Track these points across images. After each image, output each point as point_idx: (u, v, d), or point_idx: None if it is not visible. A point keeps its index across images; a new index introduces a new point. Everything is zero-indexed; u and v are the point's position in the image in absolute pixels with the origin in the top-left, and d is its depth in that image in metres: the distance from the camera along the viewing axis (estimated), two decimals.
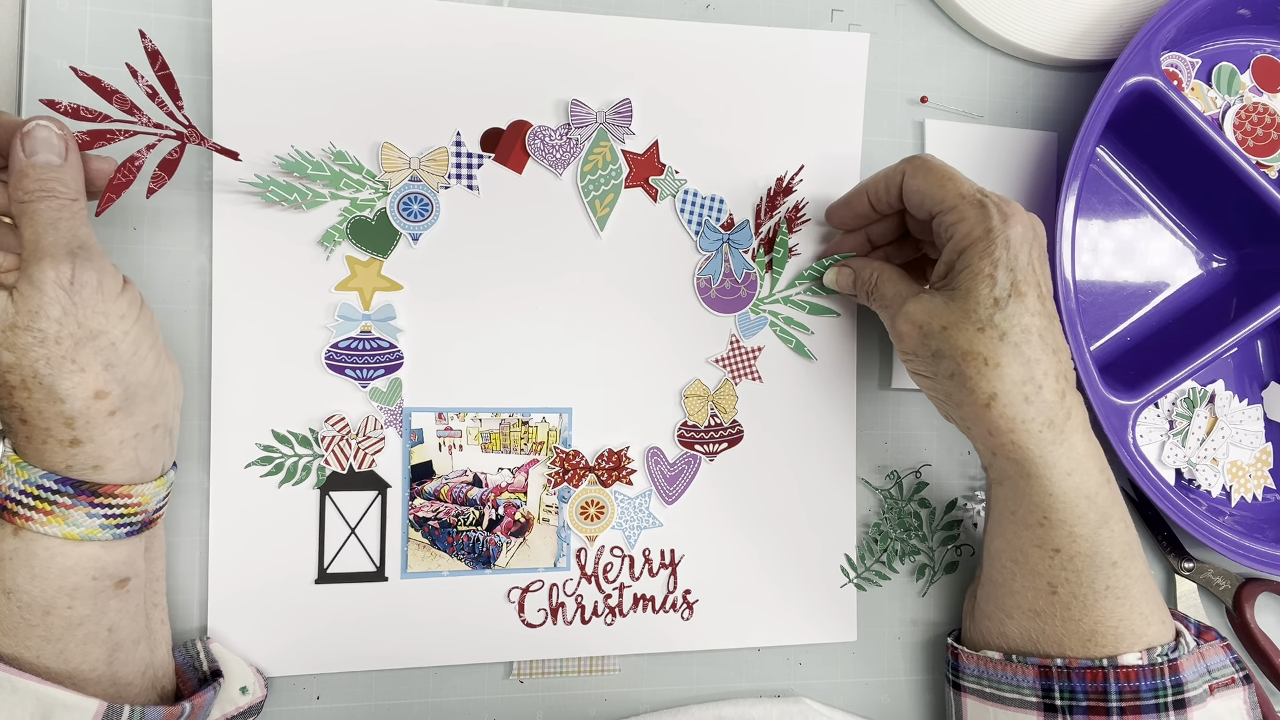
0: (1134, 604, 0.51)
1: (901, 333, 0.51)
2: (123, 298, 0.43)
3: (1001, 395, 0.47)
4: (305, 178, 0.52)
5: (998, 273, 0.47)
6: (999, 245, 0.47)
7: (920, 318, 0.50)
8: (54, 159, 0.42)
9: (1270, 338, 0.68)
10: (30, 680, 0.41)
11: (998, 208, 0.48)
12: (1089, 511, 0.49)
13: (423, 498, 0.54)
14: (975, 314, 0.47)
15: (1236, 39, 0.66)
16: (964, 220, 0.48)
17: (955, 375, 0.48)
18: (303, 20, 0.52)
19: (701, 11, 0.58)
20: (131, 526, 0.44)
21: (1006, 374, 0.47)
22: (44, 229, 0.41)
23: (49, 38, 0.50)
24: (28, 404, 0.41)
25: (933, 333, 0.49)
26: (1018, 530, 0.51)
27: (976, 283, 0.47)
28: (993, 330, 0.47)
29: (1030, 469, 0.49)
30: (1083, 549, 0.50)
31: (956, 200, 0.49)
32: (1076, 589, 0.50)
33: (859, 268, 0.56)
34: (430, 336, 0.54)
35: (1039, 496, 0.49)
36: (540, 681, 0.57)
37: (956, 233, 0.48)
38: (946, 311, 0.48)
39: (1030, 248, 0.48)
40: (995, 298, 0.47)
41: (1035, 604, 0.52)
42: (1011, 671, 0.53)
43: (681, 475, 0.58)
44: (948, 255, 0.49)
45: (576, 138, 0.56)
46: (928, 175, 0.50)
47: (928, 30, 0.62)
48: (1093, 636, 0.51)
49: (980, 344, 0.47)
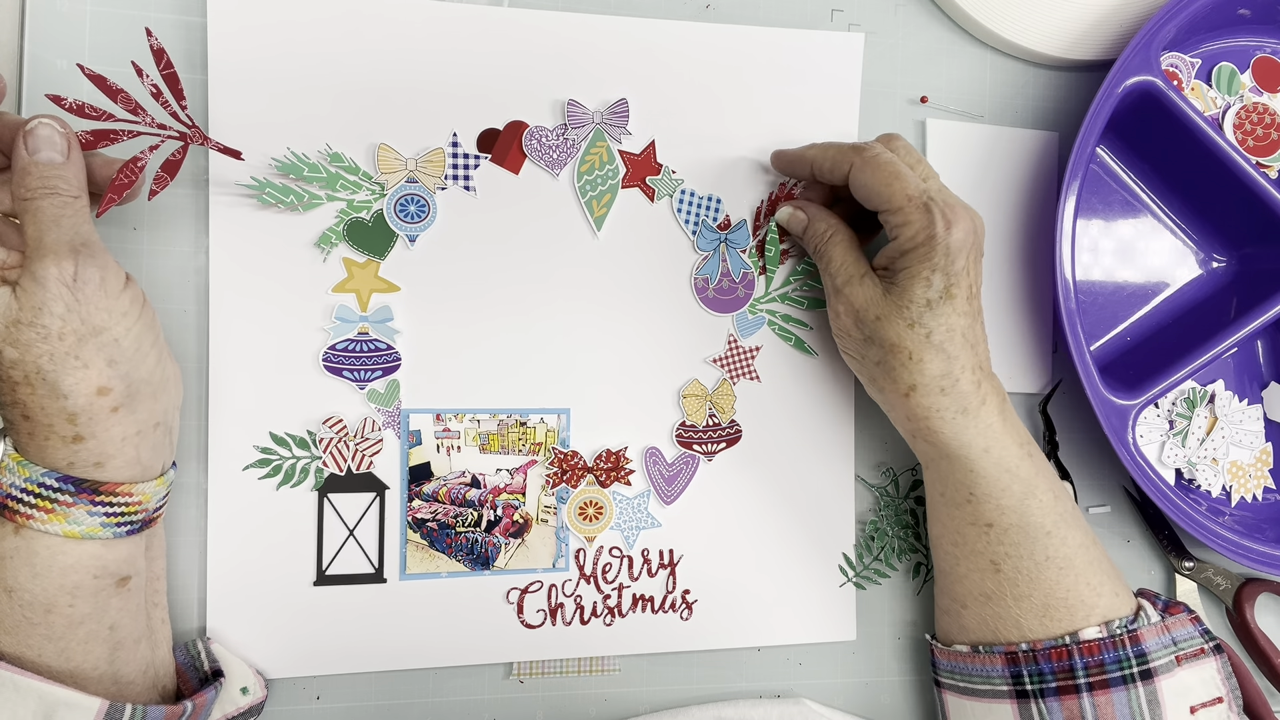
0: (1079, 574, 0.52)
1: (838, 311, 0.53)
2: (125, 294, 0.43)
3: (920, 387, 0.50)
4: (301, 179, 0.52)
5: (934, 276, 0.49)
6: (939, 252, 0.49)
7: (859, 304, 0.52)
8: (56, 157, 0.42)
9: (1270, 338, 0.68)
10: (32, 679, 0.41)
11: (943, 213, 0.49)
12: (1012, 484, 0.51)
13: (421, 499, 0.55)
14: (907, 311, 0.50)
15: (1236, 39, 0.66)
16: (909, 224, 0.49)
17: (881, 363, 0.51)
18: (298, 21, 0.52)
19: (701, 11, 0.58)
20: (132, 525, 0.44)
21: (927, 369, 0.50)
22: (47, 226, 0.41)
23: (49, 37, 0.50)
24: (30, 400, 0.41)
25: (866, 321, 0.51)
26: (949, 511, 0.54)
27: (913, 283, 0.49)
28: (920, 328, 0.49)
29: (947, 450, 0.52)
30: (1013, 520, 0.52)
31: (903, 202, 0.49)
32: (1018, 562, 0.52)
33: (814, 217, 0.56)
34: (428, 338, 0.54)
35: (961, 474, 0.52)
36: (540, 682, 0.57)
37: (901, 235, 0.50)
38: (883, 303, 0.51)
39: (969, 251, 0.50)
40: (928, 299, 0.49)
41: (983, 586, 0.53)
42: (980, 663, 0.53)
43: (680, 475, 0.58)
44: (890, 252, 0.51)
45: (573, 138, 0.56)
46: (875, 172, 0.50)
47: (928, 30, 0.62)
48: (1046, 611, 0.52)
49: (907, 339, 0.50)
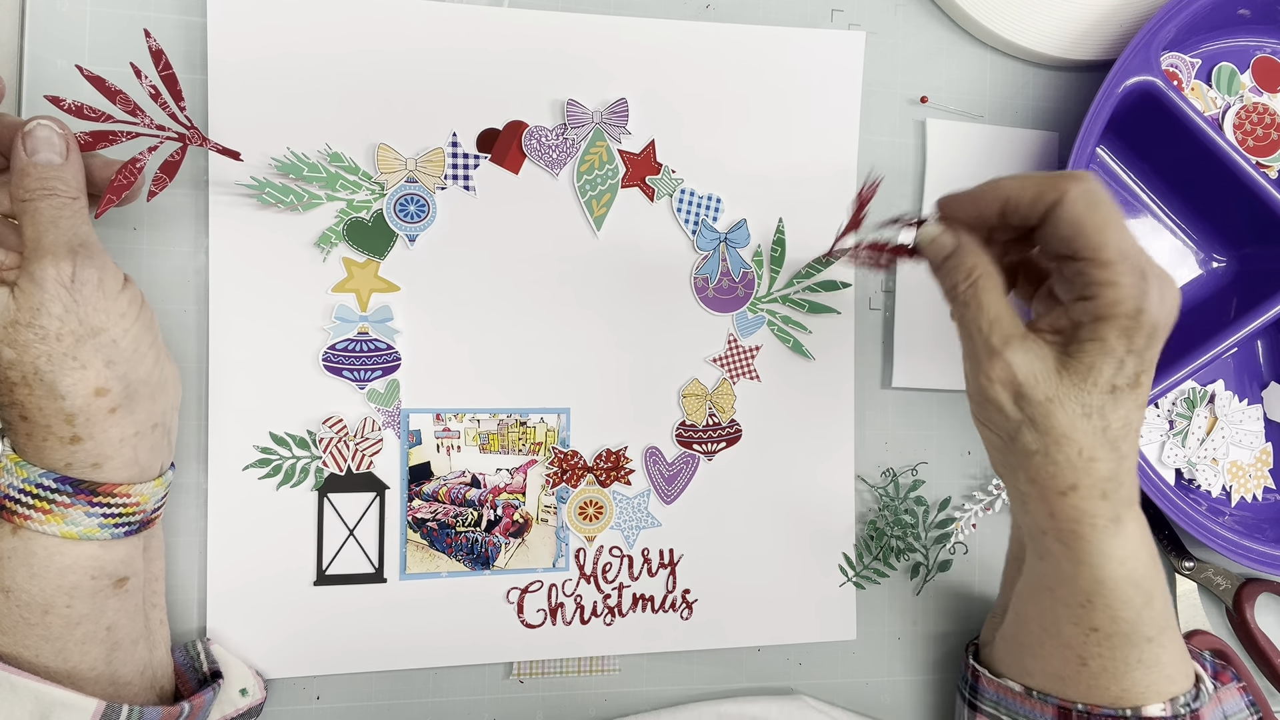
0: (1163, 670, 0.48)
1: (992, 379, 0.43)
2: (123, 295, 0.43)
3: (1082, 489, 0.42)
4: (301, 179, 0.52)
5: (1129, 359, 0.41)
6: (1143, 330, 0.40)
7: (1023, 376, 0.42)
8: (55, 158, 0.42)
9: (1270, 338, 0.68)
10: (29, 679, 0.41)
11: (1159, 285, 0.40)
12: (1135, 596, 0.45)
13: (421, 499, 0.54)
14: (1087, 396, 0.41)
15: (1236, 39, 0.66)
16: (1117, 287, 0.40)
17: (1038, 454, 0.43)
18: (298, 21, 0.52)
19: (701, 11, 0.58)
20: (130, 526, 0.44)
21: (1096, 470, 0.42)
22: (45, 227, 0.41)
23: (49, 37, 0.50)
24: (28, 401, 0.41)
25: (1032, 400, 0.42)
26: (1055, 606, 0.47)
27: (1104, 361, 0.41)
28: (1099, 419, 0.42)
29: (1083, 557, 0.44)
30: (1123, 629, 0.46)
31: (1116, 257, 0.40)
32: (1109, 663, 0.47)
33: (966, 245, 0.45)
34: (428, 338, 0.54)
35: (1086, 582, 0.45)
36: (540, 681, 0.57)
37: (1102, 297, 0.40)
38: (1056, 381, 0.42)
39: (1165, 333, 0.41)
40: (1114, 385, 0.41)
41: (1062, 671, 0.49)
42: (1030, 706, 0.51)
43: (680, 475, 0.58)
44: (1078, 314, 0.42)
45: (573, 138, 0.56)
46: (1094, 211, 0.41)
47: (928, 30, 0.62)
48: (1118, 698, 0.48)
49: (1081, 431, 0.42)
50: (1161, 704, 0.48)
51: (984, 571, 0.63)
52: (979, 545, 0.63)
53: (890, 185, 0.61)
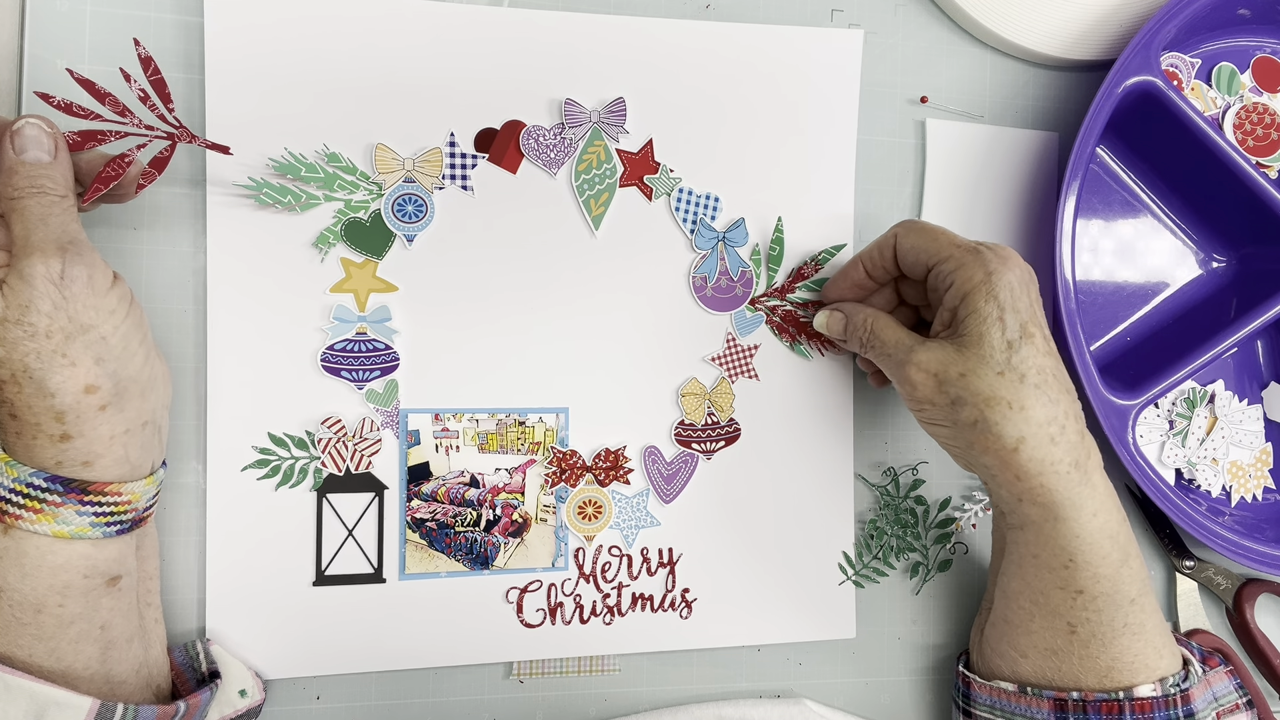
0: (1149, 638, 0.51)
1: (915, 381, 0.50)
2: (113, 293, 0.43)
3: (1029, 438, 0.47)
4: (299, 179, 0.52)
5: (1005, 316, 0.47)
6: (1001, 288, 0.47)
7: (934, 365, 0.49)
8: (43, 156, 0.42)
9: (1270, 338, 0.68)
10: (23, 678, 0.41)
11: (993, 253, 0.48)
12: (1112, 551, 0.49)
13: (420, 499, 0.54)
14: (991, 358, 0.47)
15: (1236, 39, 0.66)
16: (963, 266, 0.48)
17: (979, 422, 0.48)
18: (295, 20, 0.52)
19: (701, 11, 0.58)
20: (122, 524, 0.44)
21: (1032, 416, 0.47)
22: (34, 225, 0.41)
23: (48, 37, 0.50)
24: (18, 398, 0.41)
25: (950, 380, 0.48)
26: (1040, 573, 0.51)
27: (987, 327, 0.47)
28: (1012, 373, 0.47)
29: (1058, 511, 0.48)
30: (1105, 589, 0.49)
31: (951, 250, 0.49)
32: (1096, 628, 0.50)
33: (851, 313, 0.55)
34: (426, 338, 0.54)
35: (1065, 539, 0.49)
36: (540, 681, 0.57)
37: (957, 279, 0.49)
38: (960, 358, 0.48)
39: (1028, 291, 0.48)
40: (1008, 340, 0.47)
41: (1053, 643, 0.52)
42: (1025, 704, 0.52)
43: (679, 474, 0.58)
44: (950, 302, 0.49)
45: (570, 137, 0.56)
46: (920, 233, 0.51)
47: (927, 30, 0.62)
48: (1109, 672, 0.51)
49: (1002, 388, 0.47)
50: (1152, 684, 0.51)
51: (984, 571, 0.62)
52: (979, 545, 0.62)
53: (890, 185, 0.61)
